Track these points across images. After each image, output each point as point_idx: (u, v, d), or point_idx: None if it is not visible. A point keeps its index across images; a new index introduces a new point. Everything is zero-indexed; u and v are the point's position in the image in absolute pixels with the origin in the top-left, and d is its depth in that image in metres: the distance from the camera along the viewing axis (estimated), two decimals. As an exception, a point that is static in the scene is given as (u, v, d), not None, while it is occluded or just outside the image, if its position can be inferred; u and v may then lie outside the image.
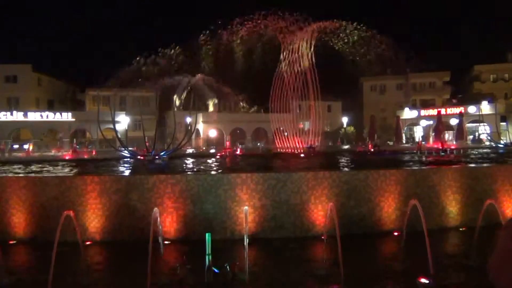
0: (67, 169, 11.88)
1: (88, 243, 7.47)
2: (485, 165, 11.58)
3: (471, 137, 49.35)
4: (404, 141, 50.29)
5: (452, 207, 8.45)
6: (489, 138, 34.47)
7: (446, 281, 5.36)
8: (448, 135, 50.80)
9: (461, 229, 8.25)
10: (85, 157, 22.99)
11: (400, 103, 60.23)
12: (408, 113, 56.80)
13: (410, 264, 6.15)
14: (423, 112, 55.12)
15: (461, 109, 49.26)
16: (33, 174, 10.34)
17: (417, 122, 55.90)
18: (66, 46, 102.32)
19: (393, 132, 50.82)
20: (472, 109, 49.99)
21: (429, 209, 7.88)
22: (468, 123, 50.17)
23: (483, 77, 63.51)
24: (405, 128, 56.22)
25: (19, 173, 10.59)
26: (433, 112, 50.07)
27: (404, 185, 8.31)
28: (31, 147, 38.83)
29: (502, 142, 30.55)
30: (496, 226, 5.76)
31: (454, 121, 48.03)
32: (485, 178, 8.74)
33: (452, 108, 51.74)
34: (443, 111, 48.58)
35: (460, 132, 44.05)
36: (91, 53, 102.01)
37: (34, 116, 49.17)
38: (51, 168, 12.72)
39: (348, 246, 5.58)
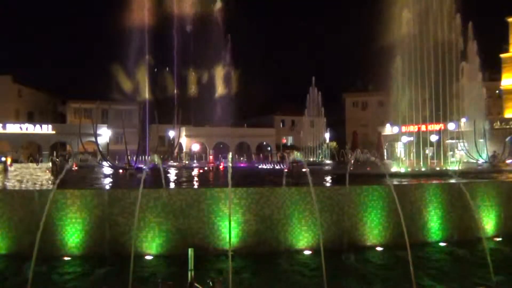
0: (46, 182, 11.70)
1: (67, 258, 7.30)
2: (464, 181, 11.76)
3: (450, 153, 50.13)
4: (385, 157, 50.79)
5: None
6: (467, 154, 35.12)
7: None
8: (429, 152, 51.51)
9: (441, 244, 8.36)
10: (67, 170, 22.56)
11: (382, 120, 61.04)
12: (389, 129, 57.55)
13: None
14: (404, 128, 55.90)
15: (440, 125, 50.09)
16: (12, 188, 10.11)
17: (398, 138, 56.66)
18: (48, 57, 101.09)
19: (374, 148, 51.29)
20: (451, 125, 50.92)
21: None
22: (448, 139, 51.04)
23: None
24: (386, 144, 56.86)
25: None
26: (413, 128, 50.83)
27: (386, 201, 8.38)
28: (9, 160, 37.91)
29: (480, 159, 31.21)
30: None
31: (434, 138, 48.81)
32: (464, 194, 8.88)
33: (432, 125, 52.59)
34: (423, 127, 49.33)
35: (439, 149, 44.72)
36: (74, 64, 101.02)
37: (13, 128, 48.29)
38: (30, 181, 12.48)
39: (333, 260, 5.58)
